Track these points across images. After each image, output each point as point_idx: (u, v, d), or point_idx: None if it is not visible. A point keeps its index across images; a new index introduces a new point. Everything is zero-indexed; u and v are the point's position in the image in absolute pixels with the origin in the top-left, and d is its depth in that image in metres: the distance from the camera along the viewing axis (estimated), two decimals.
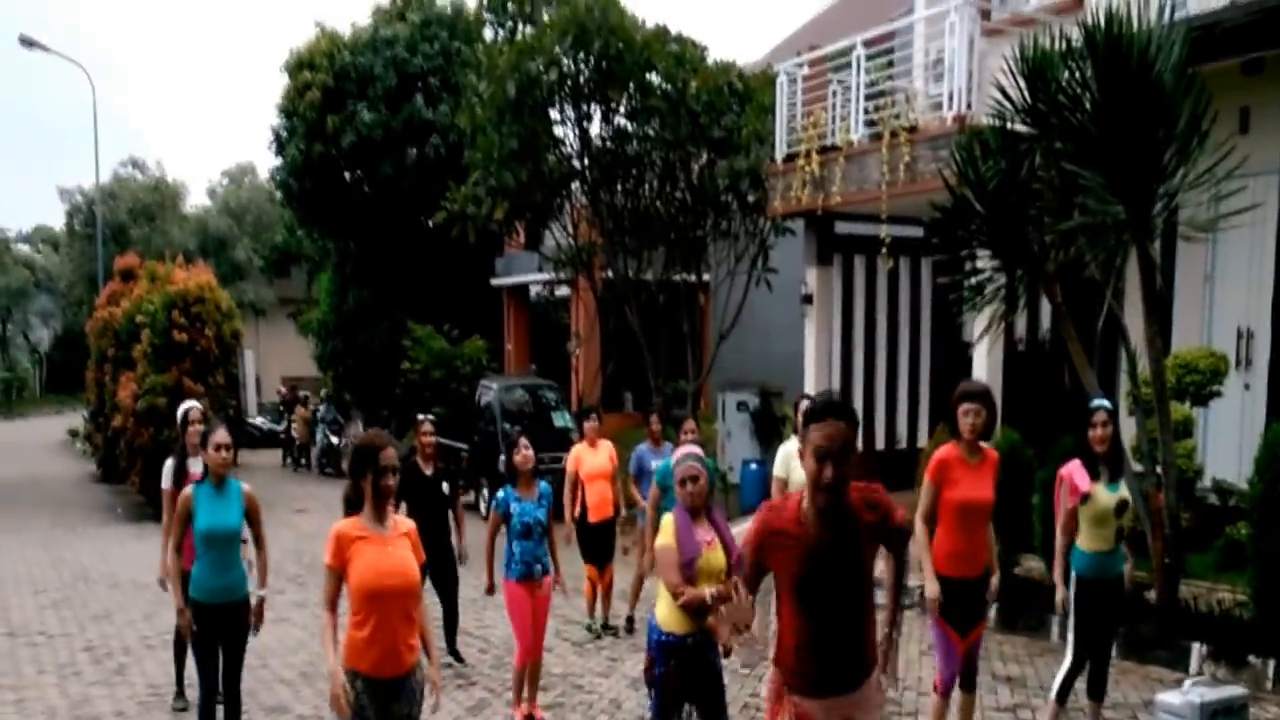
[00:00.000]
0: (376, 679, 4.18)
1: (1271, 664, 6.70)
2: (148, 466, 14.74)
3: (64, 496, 19.47)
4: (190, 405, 7.23)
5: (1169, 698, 4.35)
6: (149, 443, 15.31)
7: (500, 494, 6.60)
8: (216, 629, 5.62)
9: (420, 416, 8.34)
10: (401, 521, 4.38)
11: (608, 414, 18.02)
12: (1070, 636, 5.71)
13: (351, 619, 4.21)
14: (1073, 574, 5.72)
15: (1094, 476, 5.63)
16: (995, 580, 5.51)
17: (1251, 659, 6.79)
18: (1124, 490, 5.68)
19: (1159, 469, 7.48)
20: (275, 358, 38.23)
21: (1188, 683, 4.32)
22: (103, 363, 19.47)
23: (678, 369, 17.54)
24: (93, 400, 21.83)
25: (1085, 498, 5.63)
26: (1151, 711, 4.50)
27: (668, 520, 4.67)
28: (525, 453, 6.55)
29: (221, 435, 5.66)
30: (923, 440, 13.87)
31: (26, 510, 17.64)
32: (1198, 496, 8.80)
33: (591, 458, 8.79)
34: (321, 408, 22.88)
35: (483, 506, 14.60)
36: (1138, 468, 7.75)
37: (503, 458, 6.78)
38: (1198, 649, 7.05)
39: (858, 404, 13.81)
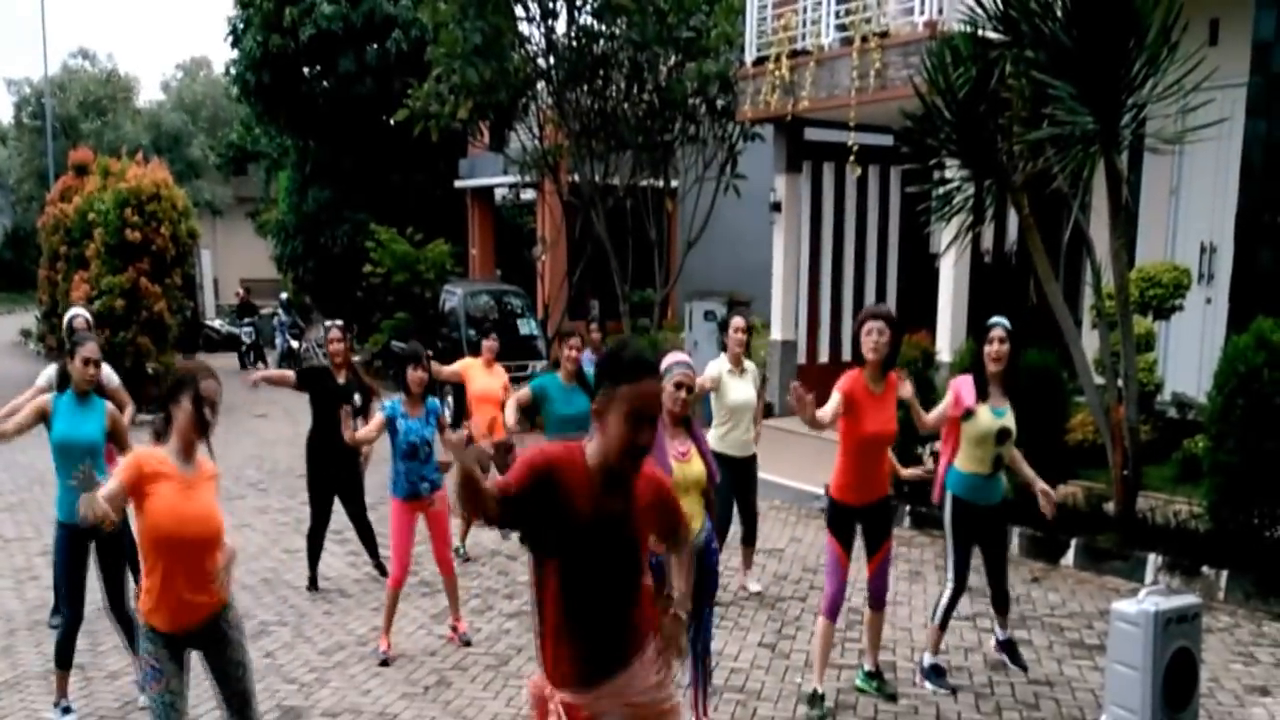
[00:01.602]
0: (175, 634, 3.94)
1: (1224, 575, 6.86)
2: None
3: (16, 398, 19.20)
4: (75, 313, 7.03)
5: (1124, 606, 4.41)
6: (105, 344, 15.04)
7: (389, 403, 6.43)
8: (87, 553, 5.39)
9: (328, 323, 8.11)
10: (206, 462, 4.03)
11: (574, 322, 17.99)
12: (949, 560, 5.62)
13: (142, 567, 3.93)
14: (948, 494, 5.61)
15: (982, 396, 5.46)
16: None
17: (1205, 570, 6.94)
18: (1009, 419, 5.47)
19: (1120, 382, 7.55)
20: (233, 258, 37.64)
21: (1143, 592, 4.37)
22: (55, 261, 19.02)
23: (645, 277, 17.44)
24: (45, 300, 21.38)
25: (968, 414, 5.46)
26: (1107, 619, 4.57)
27: None
28: (417, 374, 6.30)
29: (90, 349, 5.43)
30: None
31: None
32: (1157, 410, 8.93)
33: (483, 378, 8.51)
34: (280, 311, 22.58)
35: (447, 414, 14.55)
36: (1099, 380, 7.82)
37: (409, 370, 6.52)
38: (1154, 560, 7.19)
39: (824, 314, 13.83)
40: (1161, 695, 4.33)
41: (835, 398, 5.11)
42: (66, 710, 5.45)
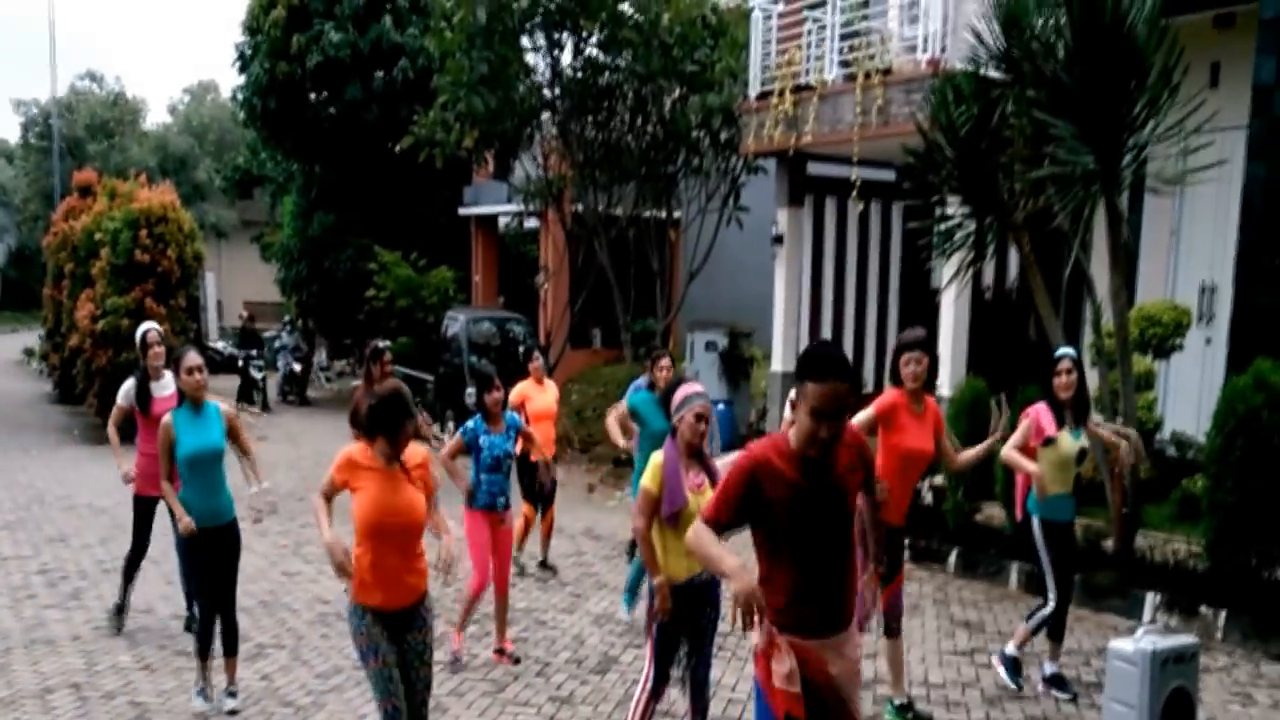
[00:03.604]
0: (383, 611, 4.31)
1: (1223, 615, 6.86)
2: (106, 388, 14.48)
3: (18, 417, 19.19)
4: (148, 327, 7.16)
5: (1122, 645, 4.43)
6: (108, 365, 15.05)
7: (470, 424, 6.61)
8: (208, 553, 5.69)
9: (374, 344, 8.16)
10: (413, 456, 4.44)
11: (576, 351, 18.07)
12: (1050, 579, 5.86)
13: (355, 549, 4.32)
14: (1035, 519, 5.85)
15: (1059, 424, 5.74)
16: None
17: (1203, 609, 6.95)
18: (1085, 439, 5.81)
19: (1120, 421, 7.57)
20: (237, 281, 37.68)
21: (1140, 630, 4.40)
22: (60, 280, 19.07)
23: (647, 307, 17.48)
24: (49, 319, 21.39)
25: (1049, 441, 5.75)
26: (1104, 658, 4.58)
27: (656, 462, 4.56)
28: (496, 394, 6.56)
29: (193, 358, 5.68)
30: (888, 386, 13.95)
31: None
32: (1156, 449, 8.94)
33: (539, 396, 8.77)
34: (284, 334, 22.62)
35: (447, 439, 14.56)
36: (1098, 418, 7.83)
37: (470, 392, 6.84)
38: (1151, 598, 7.20)
39: None
40: None
41: (868, 412, 5.32)
42: (203, 693, 5.76)
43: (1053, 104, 7.04)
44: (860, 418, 5.25)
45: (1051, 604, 5.87)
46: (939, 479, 9.03)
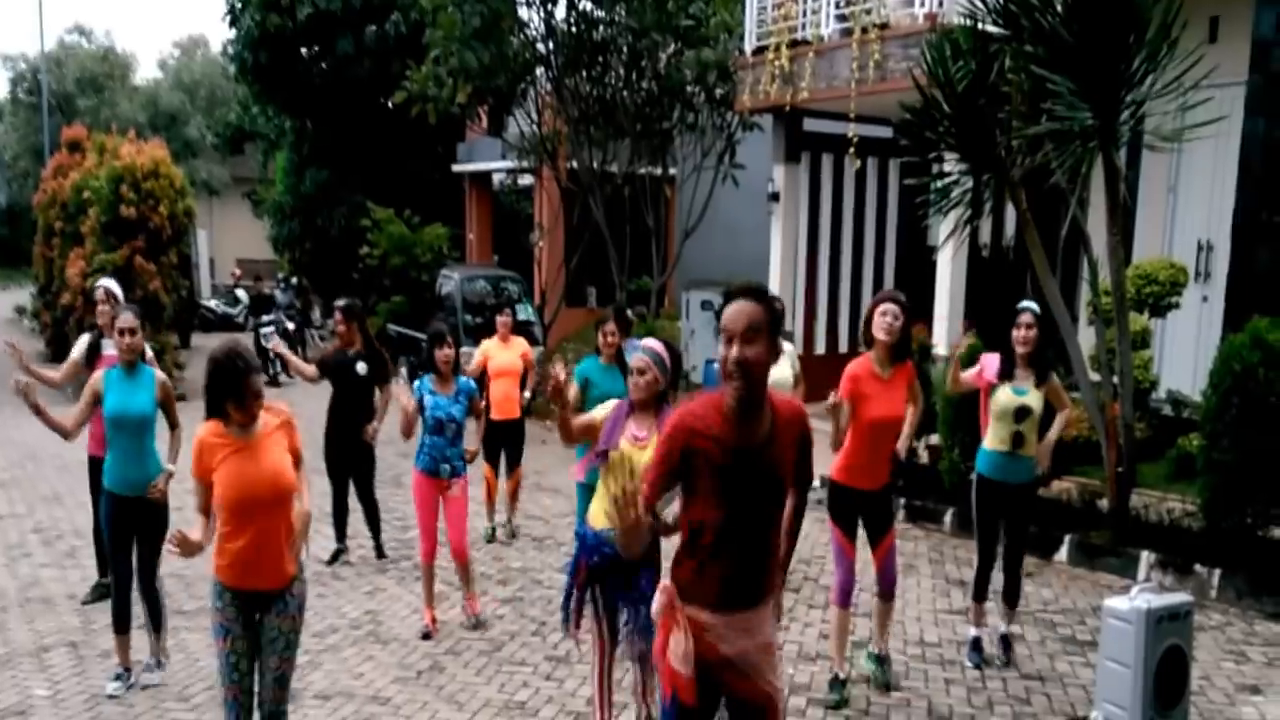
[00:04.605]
0: (242, 591, 4.06)
1: (1217, 573, 6.88)
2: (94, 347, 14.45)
3: (12, 375, 19.12)
4: (100, 284, 7.02)
5: (1116, 603, 4.43)
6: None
7: (417, 383, 6.50)
8: (129, 524, 5.48)
9: (338, 302, 8.32)
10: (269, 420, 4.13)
11: (571, 309, 18.00)
12: (976, 535, 5.86)
13: (219, 530, 4.05)
14: (975, 472, 5.83)
15: (1007, 376, 5.63)
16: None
17: (1198, 568, 6.96)
18: (1031, 399, 5.58)
19: (1115, 379, 7.56)
20: (230, 238, 37.45)
21: (1135, 589, 4.40)
22: (50, 237, 18.95)
23: (642, 265, 17.40)
24: (40, 276, 21.29)
25: (990, 389, 5.68)
26: (1099, 616, 4.59)
27: (610, 403, 4.60)
28: (445, 352, 6.39)
29: (126, 319, 5.43)
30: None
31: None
32: (1152, 407, 8.95)
33: (501, 354, 8.57)
34: (279, 292, 22.52)
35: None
36: (1095, 377, 7.83)
37: (466, 351, 6.72)
38: (1146, 557, 7.21)
39: (821, 306, 13.83)
40: (1152, 692, 4.36)
41: (838, 401, 5.21)
42: (120, 677, 5.54)
43: (1051, 59, 6.94)
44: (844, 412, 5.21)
45: (975, 565, 5.85)
46: (934, 438, 9.03)
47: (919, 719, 5.25)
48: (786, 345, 7.12)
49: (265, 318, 19.28)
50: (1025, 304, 5.73)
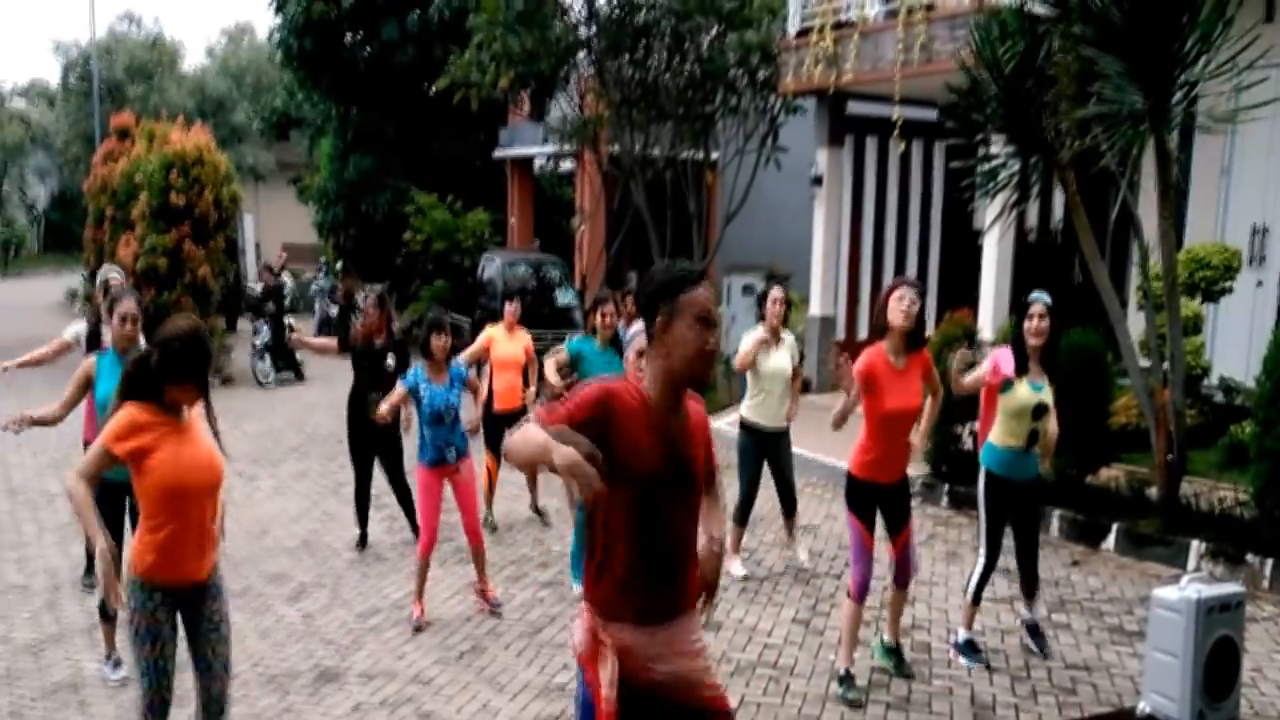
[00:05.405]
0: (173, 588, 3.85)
1: (1269, 563, 6.74)
2: (146, 328, 14.61)
3: (63, 358, 19.48)
4: (106, 274, 7.09)
5: (1165, 593, 4.33)
6: (150, 304, 15.23)
7: (410, 373, 6.47)
8: (119, 509, 5.32)
9: (367, 289, 8.41)
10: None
11: (611, 291, 17.97)
12: (982, 535, 5.63)
13: (146, 523, 3.82)
14: (982, 468, 5.60)
15: (1021, 371, 5.42)
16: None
17: (1250, 558, 6.82)
18: (1047, 395, 5.42)
19: (1166, 365, 7.43)
20: (275, 223, 37.79)
21: (1185, 579, 4.30)
22: (101, 222, 19.22)
23: (683, 249, 17.34)
24: (91, 260, 21.60)
25: (1006, 385, 5.43)
26: (1147, 606, 4.51)
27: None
28: (440, 341, 6.37)
29: (127, 305, 5.42)
30: (929, 329, 13.83)
31: (24, 371, 17.60)
32: (1204, 394, 8.78)
33: (505, 344, 8.48)
34: (320, 278, 22.70)
35: (483, 385, 14.62)
36: (1144, 363, 7.70)
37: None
38: (1196, 546, 7.09)
39: (864, 289, 13.73)
40: (1202, 684, 4.27)
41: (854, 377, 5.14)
42: (118, 664, 5.54)
43: (1100, 40, 6.81)
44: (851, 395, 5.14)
45: (980, 565, 5.61)
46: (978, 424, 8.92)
47: (962, 708, 5.20)
48: (787, 335, 7.11)
49: (260, 323, 16.61)
50: (1036, 294, 5.50)
